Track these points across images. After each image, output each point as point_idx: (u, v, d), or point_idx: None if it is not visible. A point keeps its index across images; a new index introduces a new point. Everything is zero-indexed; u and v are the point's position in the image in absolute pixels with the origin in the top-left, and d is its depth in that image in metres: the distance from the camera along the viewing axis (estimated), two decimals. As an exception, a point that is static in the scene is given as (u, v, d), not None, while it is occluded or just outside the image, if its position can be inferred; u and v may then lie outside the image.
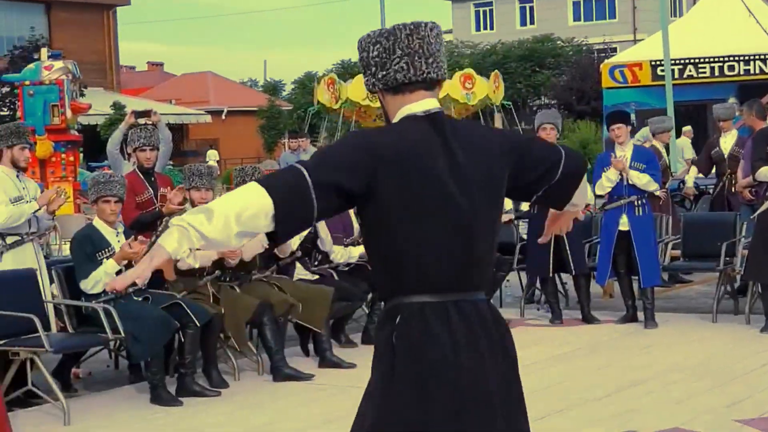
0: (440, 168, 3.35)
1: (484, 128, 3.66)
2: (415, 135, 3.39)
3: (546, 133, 10.97)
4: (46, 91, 18.81)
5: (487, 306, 3.47)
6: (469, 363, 3.38)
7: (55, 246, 16.00)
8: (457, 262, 3.37)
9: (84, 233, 8.51)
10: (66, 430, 7.51)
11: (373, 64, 3.46)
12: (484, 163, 3.43)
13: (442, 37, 3.51)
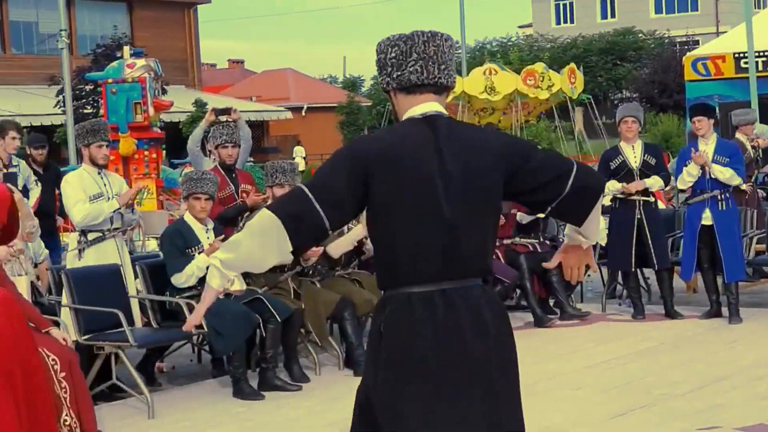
0: (429, 169, 3.59)
1: (484, 132, 3.83)
2: (409, 138, 3.64)
3: (627, 126, 10.86)
4: (129, 89, 19.04)
5: (480, 290, 3.67)
6: (449, 346, 3.60)
7: (139, 242, 16.19)
8: (441, 257, 3.59)
9: (175, 228, 8.62)
10: (150, 423, 7.60)
11: (390, 64, 3.70)
12: (476, 164, 3.63)
13: (454, 48, 3.77)
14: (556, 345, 9.85)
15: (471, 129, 3.79)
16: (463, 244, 3.61)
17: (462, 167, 3.61)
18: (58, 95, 30.99)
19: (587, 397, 7.80)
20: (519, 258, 10.95)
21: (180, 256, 8.40)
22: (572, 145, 32.47)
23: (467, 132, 3.72)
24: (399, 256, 3.63)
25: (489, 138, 3.73)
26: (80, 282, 8.20)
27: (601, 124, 29.78)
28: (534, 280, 11.14)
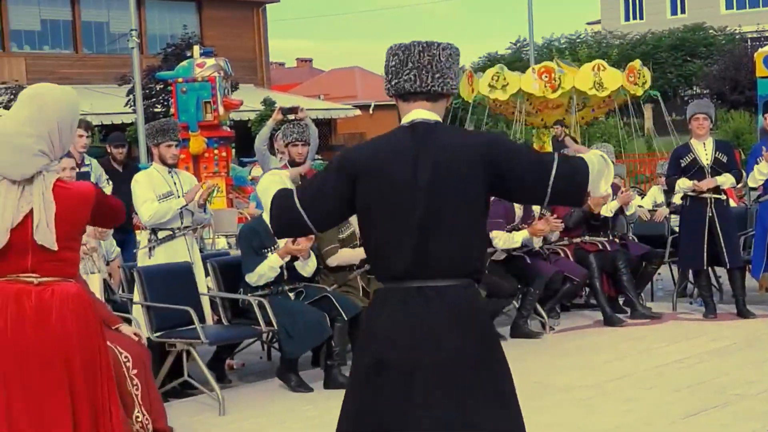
0: (403, 176, 3.78)
1: (466, 137, 3.93)
2: (391, 145, 3.87)
3: (699, 123, 10.76)
4: (199, 88, 19.22)
5: (459, 290, 3.78)
6: (417, 343, 3.73)
7: (209, 240, 16.33)
8: (413, 257, 3.76)
9: (252, 227, 8.65)
10: (221, 420, 7.66)
11: (390, 72, 3.91)
12: (450, 169, 3.77)
13: (455, 57, 3.90)
14: (627, 344, 9.78)
15: (452, 135, 3.90)
16: (437, 246, 3.76)
17: (436, 173, 3.76)
18: (129, 94, 31.30)
19: (659, 397, 7.74)
20: (588, 257, 10.89)
21: (254, 255, 8.44)
22: (641, 143, 32.19)
23: (447, 138, 3.84)
24: (377, 256, 3.88)
25: (469, 143, 3.84)
26: (152, 280, 8.28)
27: (671, 121, 29.48)
28: (603, 279, 11.07)
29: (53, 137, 4.52)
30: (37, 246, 4.45)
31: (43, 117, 4.50)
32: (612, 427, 6.97)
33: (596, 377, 8.43)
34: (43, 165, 4.50)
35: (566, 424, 7.08)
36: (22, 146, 4.47)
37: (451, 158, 3.78)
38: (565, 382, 8.31)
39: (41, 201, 4.43)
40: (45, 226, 4.42)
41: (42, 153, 4.49)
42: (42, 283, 4.47)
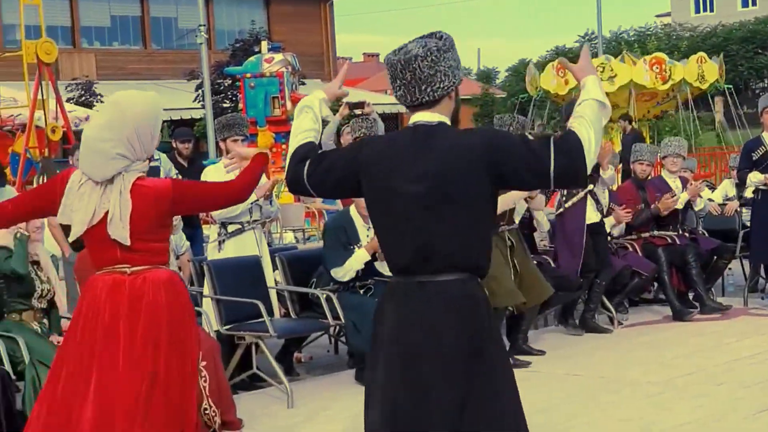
0: (402, 171, 3.89)
1: (467, 136, 3.93)
2: (394, 145, 4.00)
3: (770, 117, 10.65)
4: (267, 83, 19.31)
5: (458, 284, 3.86)
6: (416, 336, 3.85)
7: (277, 234, 16.42)
8: (413, 255, 3.88)
9: (339, 224, 8.65)
10: (289, 413, 7.70)
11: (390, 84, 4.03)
12: (449, 169, 3.84)
13: (442, 53, 3.89)
14: (696, 339, 9.69)
15: (451, 136, 3.94)
16: (436, 246, 3.86)
17: (435, 175, 3.85)
18: (197, 90, 31.53)
19: (729, 393, 7.66)
20: (657, 251, 10.79)
21: (342, 250, 8.47)
22: (711, 136, 31.85)
23: (446, 140, 3.91)
24: (384, 250, 4.05)
25: (467, 144, 3.88)
26: (221, 273, 8.35)
27: (742, 113, 29.13)
28: (673, 274, 10.97)
29: (132, 141, 4.80)
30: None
31: (121, 122, 4.79)
32: (682, 422, 6.91)
33: (666, 373, 8.36)
34: (123, 167, 4.78)
35: (635, 420, 7.03)
36: (101, 150, 4.78)
37: (450, 160, 3.86)
38: (635, 377, 8.25)
39: (118, 199, 4.73)
40: (118, 222, 4.73)
41: (121, 156, 4.77)
42: (134, 272, 4.80)
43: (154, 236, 4.86)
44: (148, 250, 4.83)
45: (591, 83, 3.96)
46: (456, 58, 3.96)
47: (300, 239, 17.17)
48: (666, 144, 11.37)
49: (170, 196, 4.82)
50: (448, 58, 3.92)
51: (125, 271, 4.83)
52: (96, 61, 38.29)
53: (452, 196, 3.85)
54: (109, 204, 4.77)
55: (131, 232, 4.77)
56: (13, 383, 6.55)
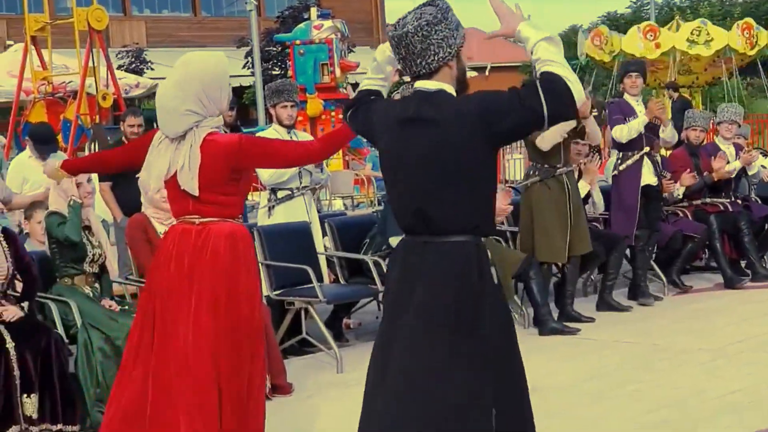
0: (400, 138, 4.04)
1: (461, 103, 4.00)
2: (397, 107, 4.17)
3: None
4: (316, 50, 19.30)
5: (458, 248, 3.99)
6: (405, 290, 4.03)
7: (326, 201, 16.46)
8: (413, 218, 4.05)
9: None
10: (338, 378, 7.73)
11: None
12: (443, 133, 3.94)
13: (433, 26, 3.97)
14: (748, 307, 9.62)
15: (449, 103, 4.01)
16: (435, 209, 4.00)
17: (432, 142, 3.97)
18: (247, 57, 31.59)
19: (781, 361, 7.61)
20: (709, 218, 10.69)
21: None
22: (764, 103, 31.47)
23: (442, 106, 3.99)
24: (393, 209, 4.26)
25: (464, 110, 3.95)
26: (272, 239, 8.38)
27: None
28: (725, 241, 10.88)
29: (201, 98, 5.05)
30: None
31: (189, 80, 5.07)
32: (733, 390, 6.87)
33: (717, 340, 8.31)
34: (194, 122, 5.05)
35: (686, 387, 7.00)
36: (172, 108, 5.07)
37: (446, 129, 3.96)
38: (685, 344, 8.20)
39: (188, 152, 5.02)
40: (187, 173, 5.01)
41: (191, 112, 5.05)
42: (202, 223, 5.08)
43: (224, 189, 5.06)
44: (217, 202, 5.05)
45: (526, 29, 4.05)
46: (451, 26, 4.03)
47: (349, 206, 17.21)
48: (722, 110, 11.25)
49: (236, 149, 5.02)
50: (440, 30, 4.00)
51: (194, 222, 5.10)
52: (146, 29, 38.47)
53: (449, 163, 3.96)
54: (179, 156, 5.05)
55: (200, 184, 5.01)
56: (66, 346, 6.61)
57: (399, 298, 4.08)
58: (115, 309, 6.97)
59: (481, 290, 4.02)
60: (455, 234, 4.01)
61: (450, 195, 3.98)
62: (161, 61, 31.57)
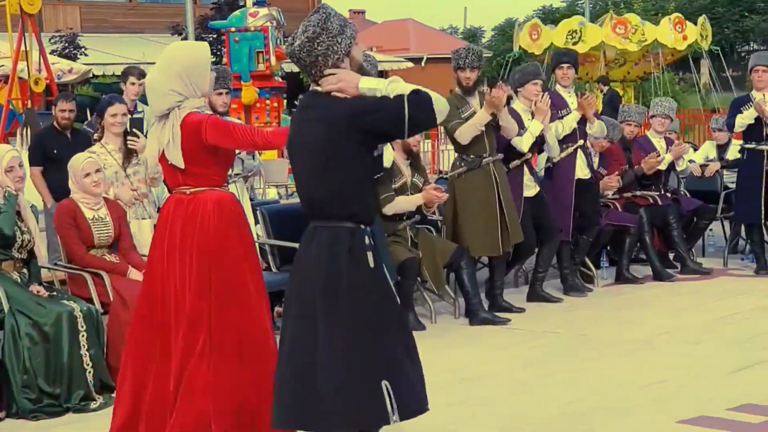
0: (296, 135, 4.63)
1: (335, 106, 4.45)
2: (300, 105, 4.73)
3: (758, 75, 10.66)
4: (252, 38, 19.19)
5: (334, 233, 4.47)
6: (299, 273, 4.56)
7: (259, 190, 16.40)
8: (305, 203, 4.61)
9: None
10: (269, 366, 7.72)
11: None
12: (321, 130, 4.45)
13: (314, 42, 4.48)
14: (676, 299, 9.74)
15: (328, 102, 4.48)
16: (316, 195, 4.53)
17: (312, 133, 4.49)
18: (182, 44, 31.33)
19: (707, 352, 7.71)
20: (639, 211, 10.81)
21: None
22: (694, 99, 31.86)
23: (324, 105, 4.48)
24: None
25: (337, 114, 4.43)
26: (202, 226, 8.32)
27: (729, 76, 29.12)
28: (654, 234, 11.01)
29: (183, 78, 5.55)
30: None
31: (171, 63, 5.60)
32: (660, 380, 6.95)
33: (645, 331, 8.41)
34: (176, 102, 5.56)
35: (613, 377, 7.08)
36: (155, 87, 5.61)
37: (324, 120, 4.45)
38: (613, 335, 8.29)
39: (171, 130, 5.53)
40: (172, 148, 5.53)
41: (173, 92, 5.56)
42: (192, 192, 5.58)
43: (204, 162, 5.53)
44: (201, 174, 5.55)
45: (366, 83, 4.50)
46: (332, 34, 4.49)
47: (283, 195, 17.15)
48: (656, 104, 11.37)
49: (201, 128, 5.48)
50: (321, 42, 4.49)
51: (185, 192, 5.60)
52: (80, 14, 38.00)
53: (327, 160, 4.45)
54: (164, 135, 5.57)
55: (185, 158, 5.51)
56: (-9, 332, 6.55)
57: (293, 279, 4.64)
58: (44, 295, 6.91)
59: (351, 273, 4.42)
60: (336, 220, 4.48)
61: (330, 184, 4.47)
62: (95, 46, 31.24)
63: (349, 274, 4.41)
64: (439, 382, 7.08)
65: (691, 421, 6.05)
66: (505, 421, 6.20)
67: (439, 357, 7.74)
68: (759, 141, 10.62)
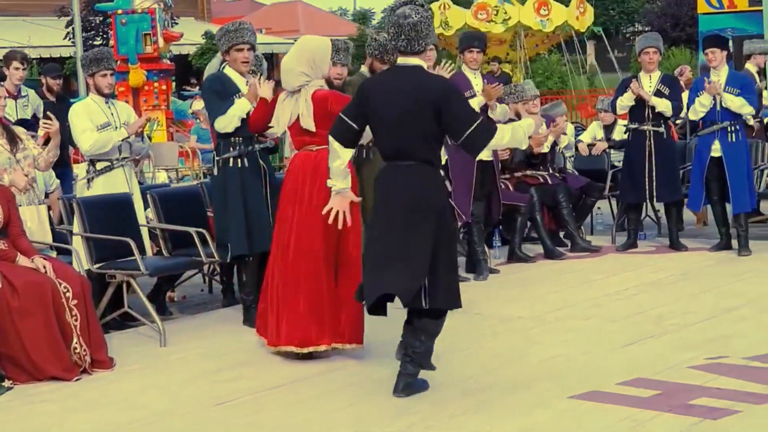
0: (384, 102, 6.19)
1: (430, 81, 6.26)
2: (384, 79, 6.48)
3: (649, 57, 10.81)
4: (139, 20, 18.91)
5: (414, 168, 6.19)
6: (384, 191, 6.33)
7: (149, 174, 16.21)
8: (390, 149, 6.25)
9: (215, 76, 8.46)
10: (161, 351, 7.65)
11: (390, 35, 6.33)
12: (412, 101, 6.11)
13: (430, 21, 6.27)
14: (567, 276, 9.88)
15: (419, 77, 6.21)
16: (402, 144, 6.16)
17: (403, 102, 6.12)
18: (68, 26, 30.80)
19: (597, 327, 7.83)
20: (530, 190, 10.91)
21: (219, 100, 8.22)
22: (583, 79, 32.28)
23: (414, 79, 6.19)
24: (377, 145, 6.65)
25: (430, 87, 6.17)
26: (92, 210, 8.21)
27: (614, 58, 29.59)
28: (544, 213, 11.13)
29: (311, 64, 7.19)
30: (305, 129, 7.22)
31: (301, 50, 7.26)
32: (551, 356, 7.05)
33: (537, 309, 8.51)
34: (305, 81, 7.21)
35: (507, 354, 7.16)
36: (290, 69, 7.24)
37: (414, 93, 6.12)
38: (506, 313, 8.38)
39: (304, 103, 7.18)
40: (306, 117, 7.16)
41: (303, 74, 7.20)
42: (318, 150, 7.19)
43: (327, 125, 6.71)
44: (323, 135, 6.74)
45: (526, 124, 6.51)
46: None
47: (173, 179, 16.96)
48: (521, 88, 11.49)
49: (328, 101, 7.14)
50: (432, 24, 6.29)
51: (312, 149, 7.24)
52: (-39, -4, 37.10)
53: (411, 117, 6.09)
54: (299, 107, 7.17)
55: (315, 123, 7.09)
56: None
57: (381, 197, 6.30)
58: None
59: (433, 197, 6.24)
60: (413, 161, 6.15)
61: (412, 135, 6.13)
62: (-22, 28, 30.53)
63: (430, 207, 6.13)
64: (335, 363, 7.09)
65: (583, 396, 6.14)
66: (400, 400, 6.22)
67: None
68: (642, 121, 10.80)
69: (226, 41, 8.36)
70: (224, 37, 8.38)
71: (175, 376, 7.08)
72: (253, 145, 8.30)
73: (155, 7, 18.91)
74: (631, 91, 10.67)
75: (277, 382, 6.76)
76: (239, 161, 8.24)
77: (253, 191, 8.23)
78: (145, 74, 18.63)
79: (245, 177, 8.22)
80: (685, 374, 6.49)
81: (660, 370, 6.60)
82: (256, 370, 7.09)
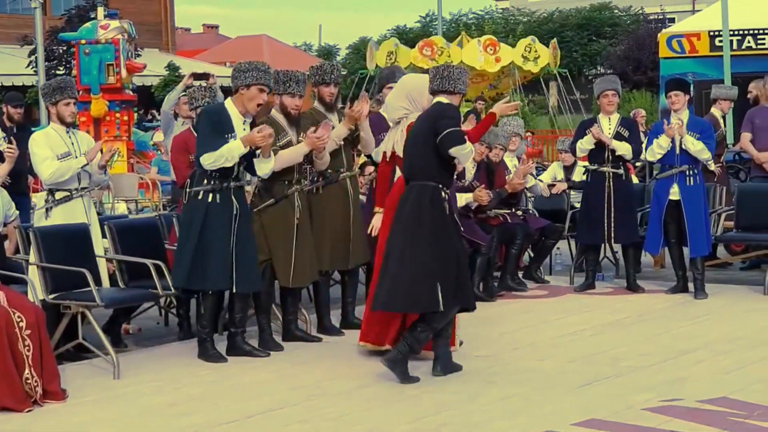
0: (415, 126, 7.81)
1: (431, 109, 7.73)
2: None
3: (608, 99, 10.90)
4: (102, 51, 18.93)
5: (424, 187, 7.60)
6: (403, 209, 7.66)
7: (108, 204, 16.15)
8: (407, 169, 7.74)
9: (216, 108, 8.33)
10: (115, 384, 7.58)
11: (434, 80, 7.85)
12: (420, 124, 7.66)
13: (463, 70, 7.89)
14: (524, 316, 9.89)
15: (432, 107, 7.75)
16: (415, 163, 7.59)
17: (417, 127, 7.68)
18: (31, 56, 30.72)
19: (552, 368, 7.84)
20: (492, 231, 10.83)
21: (214, 134, 8.02)
22: (544, 120, 32.51)
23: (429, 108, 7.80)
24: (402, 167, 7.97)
25: (429, 113, 7.67)
26: (48, 240, 8.13)
27: (578, 99, 29.78)
28: (501, 252, 11.15)
29: (409, 99, 8.16)
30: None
31: (402, 87, 8.34)
32: (506, 395, 7.04)
33: (492, 348, 8.51)
34: (403, 113, 8.17)
35: (462, 392, 7.14)
36: (391, 103, 8.31)
37: (423, 118, 7.66)
38: (463, 351, 8.35)
39: (400, 133, 8.16)
40: (400, 144, 8.04)
41: (401, 107, 8.17)
42: None
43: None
44: None
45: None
46: None
47: (133, 210, 16.91)
48: (504, 123, 11.56)
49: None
50: (463, 73, 7.82)
51: None
52: (-75, 23, 36.94)
53: (420, 137, 7.54)
54: (396, 135, 8.19)
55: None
56: None
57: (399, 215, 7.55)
58: None
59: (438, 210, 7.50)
60: (424, 180, 7.51)
61: (422, 156, 7.55)
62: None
63: (432, 220, 7.41)
64: (291, 399, 7.06)
65: (537, 436, 6.13)
66: (354, 437, 6.20)
67: (293, 373, 7.73)
68: (602, 163, 10.87)
69: (252, 78, 8.14)
70: (250, 73, 8.16)
71: (129, 409, 7.01)
72: (229, 181, 8.18)
73: (119, 38, 18.94)
74: (592, 135, 10.75)
75: (231, 417, 6.71)
76: (209, 195, 8.15)
77: (216, 228, 8.11)
78: (107, 104, 18.62)
79: (211, 212, 8.12)
80: (640, 416, 6.51)
81: (615, 411, 6.61)
82: (209, 404, 7.04)
